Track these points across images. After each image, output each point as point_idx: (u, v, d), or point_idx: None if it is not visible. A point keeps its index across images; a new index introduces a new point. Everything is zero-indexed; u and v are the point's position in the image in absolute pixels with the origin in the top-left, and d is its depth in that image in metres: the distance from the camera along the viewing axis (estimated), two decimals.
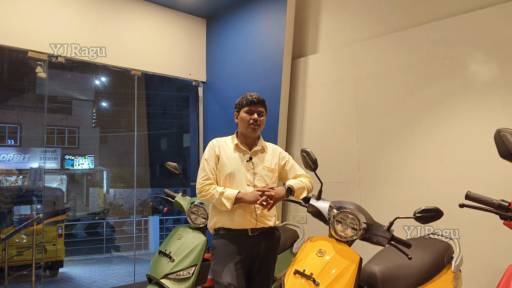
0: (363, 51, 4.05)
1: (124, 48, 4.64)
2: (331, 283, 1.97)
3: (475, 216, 2.78)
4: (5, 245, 5.78)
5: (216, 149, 2.60)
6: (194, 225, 3.26)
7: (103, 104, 21.02)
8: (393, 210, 3.60)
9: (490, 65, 3.25)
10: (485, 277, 3.11)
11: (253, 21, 4.91)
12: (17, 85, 15.79)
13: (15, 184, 15.74)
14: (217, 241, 2.54)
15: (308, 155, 2.47)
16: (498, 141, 1.72)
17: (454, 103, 3.41)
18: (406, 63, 3.71)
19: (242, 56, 4.96)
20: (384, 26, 3.95)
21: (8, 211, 8.01)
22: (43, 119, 16.35)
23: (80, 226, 14.84)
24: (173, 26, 5.14)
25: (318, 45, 4.55)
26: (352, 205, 2.25)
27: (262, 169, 2.59)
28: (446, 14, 3.54)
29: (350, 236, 2.16)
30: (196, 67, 5.32)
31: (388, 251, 2.40)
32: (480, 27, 3.30)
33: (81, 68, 16.41)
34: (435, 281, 2.44)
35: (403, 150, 3.69)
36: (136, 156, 13.91)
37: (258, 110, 2.61)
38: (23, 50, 3.96)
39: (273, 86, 4.50)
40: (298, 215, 4.45)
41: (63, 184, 18.99)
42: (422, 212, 2.08)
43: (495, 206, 1.81)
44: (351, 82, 4.11)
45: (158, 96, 22.63)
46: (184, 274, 2.99)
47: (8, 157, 16.27)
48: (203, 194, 2.52)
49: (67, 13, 4.25)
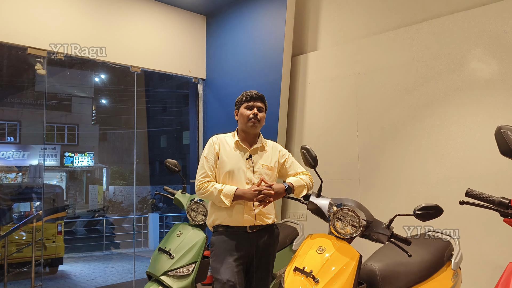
0: (363, 48, 4.04)
1: (123, 45, 4.62)
2: (331, 280, 1.97)
3: (475, 213, 2.78)
4: (4, 242, 5.78)
5: (216, 146, 2.60)
6: (193, 222, 3.26)
7: (103, 101, 21.00)
8: (393, 207, 3.60)
9: (490, 62, 3.25)
10: (485, 274, 3.12)
11: (253, 18, 4.90)
12: (16, 82, 15.76)
13: (14, 181, 15.75)
14: (216, 238, 2.54)
15: (308, 152, 2.46)
16: (499, 138, 1.71)
17: (454, 100, 3.40)
18: (406, 60, 3.70)
19: (242, 53, 4.95)
20: (384, 23, 3.95)
21: (7, 208, 8.01)
22: (43, 116, 16.33)
23: (79, 223, 14.87)
24: (172, 23, 5.13)
25: (318, 42, 4.54)
26: (352, 202, 2.25)
27: (262, 167, 2.58)
28: (446, 12, 3.53)
29: (350, 233, 2.16)
30: (195, 64, 5.31)
31: (388, 249, 2.40)
32: (480, 25, 3.29)
33: (81, 65, 16.38)
34: (434, 278, 2.44)
35: (403, 147, 3.69)
36: (136, 153, 13.89)
37: (258, 106, 2.61)
38: (22, 46, 3.95)
39: (273, 83, 4.49)
40: (298, 212, 4.45)
41: (62, 181, 19.00)
42: (422, 209, 2.08)
43: (495, 203, 1.80)
44: (351, 79, 4.10)
45: (158, 93, 22.63)
46: (183, 271, 3.00)
47: (8, 154, 16.26)
48: (201, 192, 2.52)
49: (66, 10, 4.24)
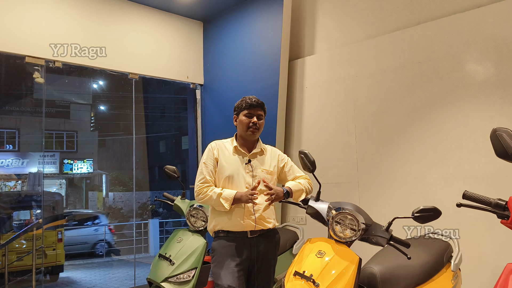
0: (359, 51, 4.06)
1: (121, 52, 4.64)
2: (331, 284, 1.98)
3: (473, 215, 2.78)
4: (5, 250, 5.77)
5: (215, 151, 2.61)
6: (193, 228, 3.26)
7: (101, 108, 20.98)
8: (392, 210, 3.61)
9: (486, 64, 3.27)
10: (484, 275, 3.12)
11: (250, 23, 4.92)
12: (15, 90, 15.76)
13: (14, 189, 15.68)
14: (217, 243, 2.55)
15: (306, 156, 2.47)
16: (494, 140, 1.71)
17: (450, 102, 3.42)
18: (402, 63, 3.72)
19: (239, 58, 4.97)
20: (380, 27, 3.97)
21: (7, 217, 7.99)
22: (41, 123, 16.30)
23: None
24: (170, 29, 5.15)
25: (314, 46, 4.57)
26: (350, 206, 2.26)
27: (261, 172, 2.59)
28: (441, 14, 3.55)
29: (349, 236, 2.16)
30: (193, 70, 5.33)
31: (387, 251, 2.41)
32: (475, 26, 3.32)
33: (79, 72, 16.38)
34: (434, 280, 2.45)
35: (401, 150, 3.70)
36: (135, 159, 13.89)
37: (258, 114, 2.62)
38: (21, 55, 3.97)
39: (270, 87, 4.51)
40: (298, 216, 4.45)
41: (62, 189, 18.93)
42: (420, 211, 2.09)
43: (492, 205, 1.81)
44: (348, 82, 4.12)
45: (156, 99, 22.61)
46: (184, 277, 3.00)
47: (7, 162, 16.22)
48: (201, 197, 2.52)
49: (63, 18, 4.26)
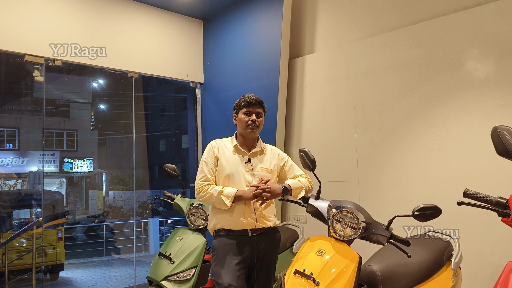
0: (360, 50, 4.05)
1: (121, 50, 4.64)
2: (331, 282, 1.98)
3: (474, 213, 2.79)
4: (5, 249, 5.77)
5: (215, 150, 2.61)
6: (193, 226, 3.26)
7: (101, 107, 20.99)
8: (392, 209, 3.61)
9: (487, 62, 3.26)
10: (484, 273, 3.12)
11: (250, 21, 4.91)
12: (14, 89, 15.77)
13: (14, 188, 15.69)
14: (217, 242, 2.55)
15: (306, 155, 2.47)
16: (495, 138, 1.71)
17: (451, 100, 3.42)
18: (403, 61, 3.72)
19: (239, 57, 4.96)
20: (380, 25, 3.96)
21: (7, 215, 7.99)
22: (41, 122, 16.34)
23: (80, 229, 14.83)
24: (169, 28, 5.14)
25: (315, 44, 4.56)
26: (351, 204, 2.25)
27: (261, 170, 2.59)
28: (442, 12, 3.55)
29: (349, 235, 2.16)
30: (193, 69, 5.32)
31: (388, 250, 2.41)
32: (476, 25, 3.31)
33: (79, 71, 16.38)
34: (435, 278, 2.45)
35: (401, 149, 3.70)
36: (135, 158, 13.88)
37: (257, 111, 2.62)
38: (20, 54, 3.96)
39: (270, 86, 4.50)
40: (298, 215, 4.45)
41: (62, 187, 18.95)
42: (420, 210, 2.08)
43: (493, 203, 1.80)
44: (349, 81, 4.11)
45: (156, 98, 22.61)
46: (184, 275, 3.00)
47: (7, 161, 16.23)
48: (201, 195, 2.52)
49: (63, 16, 4.25)
